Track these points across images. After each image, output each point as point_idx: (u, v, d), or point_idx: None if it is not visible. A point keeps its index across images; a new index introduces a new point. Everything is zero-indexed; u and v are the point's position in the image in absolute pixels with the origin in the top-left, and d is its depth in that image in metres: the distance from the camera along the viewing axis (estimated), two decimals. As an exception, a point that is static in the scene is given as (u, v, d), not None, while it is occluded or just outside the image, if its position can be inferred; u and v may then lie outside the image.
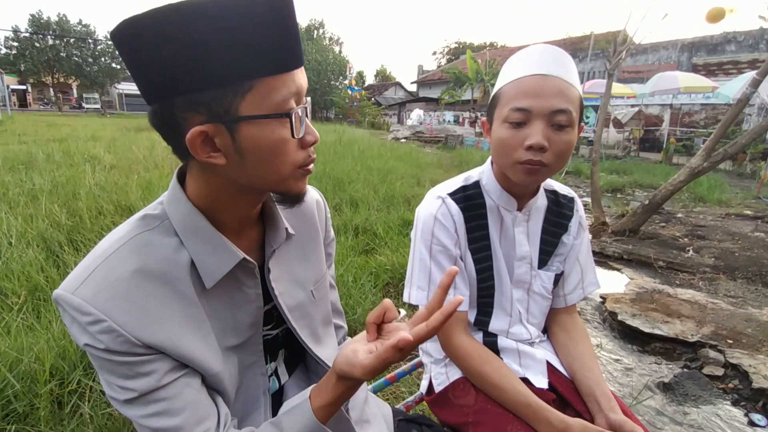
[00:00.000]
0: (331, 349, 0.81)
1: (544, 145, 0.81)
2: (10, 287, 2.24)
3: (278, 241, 0.71)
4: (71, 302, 0.52)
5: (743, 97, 3.91)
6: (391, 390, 1.91)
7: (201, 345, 0.59)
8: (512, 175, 0.88)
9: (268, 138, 0.54)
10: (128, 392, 0.54)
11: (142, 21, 0.48)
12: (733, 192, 7.78)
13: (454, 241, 0.95)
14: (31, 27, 34.59)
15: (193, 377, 0.59)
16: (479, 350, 0.93)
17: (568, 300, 1.07)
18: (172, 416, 0.55)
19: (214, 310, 0.63)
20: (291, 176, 0.59)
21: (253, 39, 0.49)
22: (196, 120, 0.52)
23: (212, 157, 0.54)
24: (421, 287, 0.95)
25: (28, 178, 4.57)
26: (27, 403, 1.53)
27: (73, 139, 9.28)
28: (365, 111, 30.49)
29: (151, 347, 0.55)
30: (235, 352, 0.67)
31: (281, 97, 0.53)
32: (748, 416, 1.99)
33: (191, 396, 0.57)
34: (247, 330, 0.67)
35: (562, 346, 1.03)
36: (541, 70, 0.83)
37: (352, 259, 3.08)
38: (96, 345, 0.52)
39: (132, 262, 0.56)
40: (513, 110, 0.83)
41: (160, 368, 0.55)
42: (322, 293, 0.82)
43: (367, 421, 0.78)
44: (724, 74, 16.24)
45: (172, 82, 0.50)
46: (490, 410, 0.88)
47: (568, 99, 0.82)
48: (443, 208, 0.95)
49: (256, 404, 0.70)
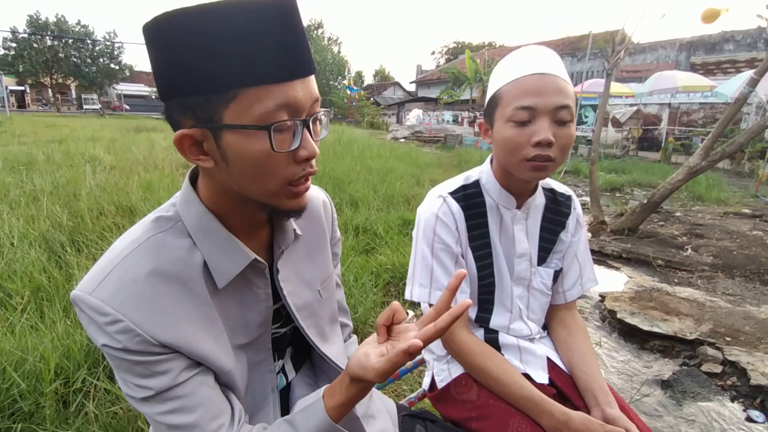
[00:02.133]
0: (337, 346, 0.83)
1: (552, 140, 0.83)
2: (13, 288, 2.25)
3: (286, 242, 0.72)
4: (89, 303, 0.53)
5: (741, 96, 3.94)
6: (393, 387, 1.92)
7: (214, 344, 0.61)
8: (519, 172, 0.89)
9: (250, 149, 0.53)
10: (145, 390, 0.56)
11: (150, 26, 0.51)
12: (732, 191, 7.81)
13: (456, 239, 0.96)
14: (29, 28, 34.48)
15: (206, 375, 0.61)
16: (481, 346, 0.95)
17: (567, 296, 1.09)
18: (187, 413, 0.57)
19: (225, 310, 0.64)
20: (280, 192, 0.58)
21: (236, 49, 0.49)
22: (187, 123, 0.54)
23: (201, 160, 0.55)
24: (423, 284, 0.96)
25: (29, 179, 4.58)
26: (32, 402, 1.54)
27: (72, 139, 9.29)
28: (364, 111, 30.49)
29: (166, 346, 0.56)
30: (245, 350, 0.68)
31: (264, 109, 0.51)
32: (746, 413, 2.01)
33: (206, 393, 0.59)
34: (256, 329, 0.69)
35: (561, 342, 1.05)
36: (539, 69, 0.85)
37: (353, 258, 3.10)
38: (114, 345, 0.54)
39: (147, 263, 0.57)
40: (517, 109, 0.85)
41: (175, 367, 0.57)
42: (329, 292, 0.83)
43: (372, 417, 0.79)
44: (723, 73, 16.29)
45: (168, 85, 0.53)
46: (492, 405, 0.90)
47: (567, 95, 0.85)
48: (444, 207, 0.97)
49: (265, 401, 0.72)
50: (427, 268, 0.96)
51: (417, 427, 0.84)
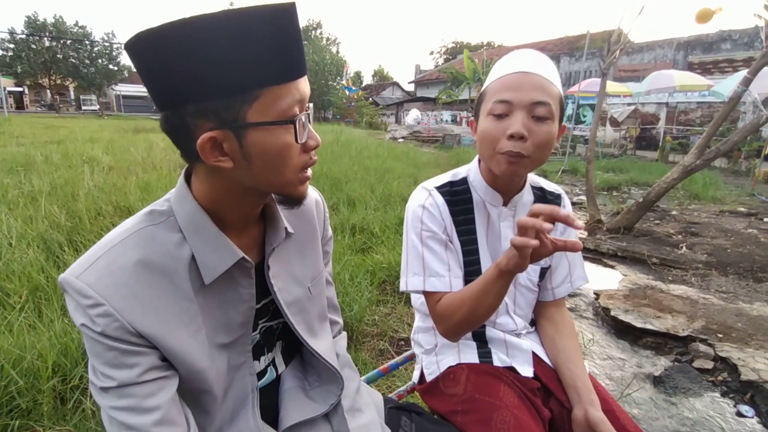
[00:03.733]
0: (325, 342, 0.84)
1: (524, 134, 0.84)
2: (12, 287, 2.27)
3: (278, 239, 0.74)
4: (74, 285, 0.56)
5: (734, 95, 3.97)
6: (385, 382, 1.95)
7: (190, 340, 0.62)
8: (494, 166, 0.91)
9: (274, 143, 0.58)
10: (108, 380, 0.57)
11: (156, 34, 0.51)
12: (728, 189, 7.84)
13: (442, 228, 0.98)
14: (27, 29, 34.46)
15: (170, 383, 0.61)
16: (454, 296, 0.93)
17: (556, 293, 1.10)
18: (141, 414, 0.57)
19: (209, 307, 0.66)
20: (295, 179, 0.63)
21: (259, 51, 0.53)
22: (206, 126, 0.55)
23: (220, 161, 0.57)
24: (416, 273, 0.97)
25: (27, 180, 4.59)
26: (30, 399, 1.56)
27: (71, 140, 9.31)
28: (363, 111, 30.53)
29: (143, 337, 0.58)
30: (226, 350, 0.70)
31: (286, 105, 0.57)
32: (736, 408, 2.04)
33: (164, 400, 0.59)
34: (237, 329, 0.70)
35: (548, 338, 1.07)
36: (522, 68, 0.88)
37: (349, 257, 3.12)
38: (92, 327, 0.55)
39: (135, 253, 0.59)
40: (496, 102, 0.88)
41: (143, 363, 0.58)
42: (319, 289, 0.85)
43: (359, 410, 0.81)
44: (720, 72, 16.30)
45: (184, 90, 0.53)
46: (477, 400, 0.92)
47: (547, 93, 0.86)
48: (430, 199, 1.00)
49: (244, 402, 0.73)
50: (419, 257, 0.97)
51: (403, 419, 0.86)
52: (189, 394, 0.65)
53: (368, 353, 2.20)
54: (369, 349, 2.25)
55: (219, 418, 0.70)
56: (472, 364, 1.01)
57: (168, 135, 0.59)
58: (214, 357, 0.67)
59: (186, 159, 0.62)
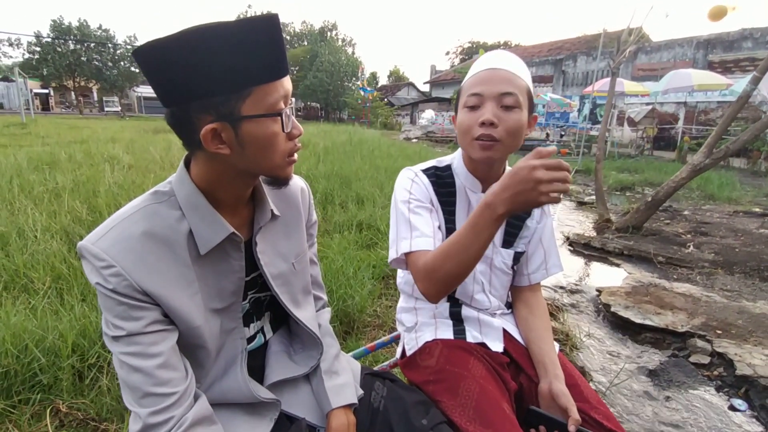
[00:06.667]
0: (308, 312, 0.95)
1: (494, 120, 0.94)
2: (36, 276, 2.43)
3: (265, 219, 0.85)
4: (90, 250, 0.67)
5: (744, 94, 3.94)
6: (370, 360, 2.04)
7: (188, 301, 0.73)
8: (471, 151, 1.01)
9: (264, 132, 0.68)
10: (119, 330, 0.67)
11: (167, 44, 0.61)
12: (745, 190, 7.70)
13: (428, 198, 1.08)
14: (53, 32, 35.57)
15: (171, 335, 0.72)
16: (439, 249, 0.94)
17: (531, 279, 1.19)
18: (147, 358, 0.67)
19: (204, 276, 0.76)
20: (282, 163, 0.74)
21: (251, 55, 0.63)
22: (206, 119, 0.65)
23: (220, 149, 0.67)
24: (404, 237, 1.02)
25: (52, 177, 4.83)
26: (51, 375, 1.70)
27: (93, 140, 9.65)
28: (378, 112, 30.67)
29: (147, 294, 0.68)
30: (219, 315, 0.80)
31: (273, 100, 0.67)
32: (729, 401, 2.07)
33: (165, 348, 0.70)
34: (229, 296, 0.81)
35: (522, 319, 1.15)
36: (491, 65, 0.99)
37: (354, 252, 3.22)
38: (105, 285, 0.66)
39: (141, 225, 0.70)
40: (469, 96, 0.99)
41: (148, 316, 0.69)
42: (302, 266, 0.95)
43: (336, 372, 0.91)
44: (741, 71, 15.93)
45: (189, 90, 0.64)
46: (447, 371, 1.00)
47: (514, 85, 0.96)
48: (417, 178, 1.10)
49: (234, 361, 0.84)
50: (407, 223, 1.03)
51: (376, 383, 0.95)
52: (187, 348, 0.76)
53: (368, 342, 2.29)
54: (369, 338, 2.34)
55: (212, 373, 0.81)
56: (447, 339, 1.09)
57: (172, 127, 0.70)
58: (208, 319, 0.77)
59: (187, 147, 0.73)
